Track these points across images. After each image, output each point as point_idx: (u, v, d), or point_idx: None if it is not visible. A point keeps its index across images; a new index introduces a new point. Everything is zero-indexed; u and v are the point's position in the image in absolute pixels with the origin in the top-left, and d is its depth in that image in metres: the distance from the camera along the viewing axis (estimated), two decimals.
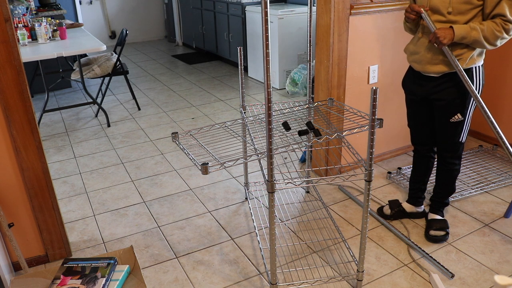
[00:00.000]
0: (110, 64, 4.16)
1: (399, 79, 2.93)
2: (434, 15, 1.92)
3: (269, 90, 1.47)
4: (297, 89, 4.54)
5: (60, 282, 1.34)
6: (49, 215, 2.14)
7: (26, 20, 4.17)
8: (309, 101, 2.41)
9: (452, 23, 1.88)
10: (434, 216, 2.34)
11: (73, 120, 4.20)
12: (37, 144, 1.99)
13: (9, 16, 1.78)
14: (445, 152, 2.19)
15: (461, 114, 2.04)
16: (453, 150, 2.17)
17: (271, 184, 1.62)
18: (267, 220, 2.44)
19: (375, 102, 1.57)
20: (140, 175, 3.07)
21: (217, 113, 4.21)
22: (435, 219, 2.32)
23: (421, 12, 1.91)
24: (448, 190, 2.32)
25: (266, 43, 1.37)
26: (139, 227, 2.48)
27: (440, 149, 2.22)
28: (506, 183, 2.75)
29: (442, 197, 2.35)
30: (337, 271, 2.07)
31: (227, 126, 2.15)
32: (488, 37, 1.82)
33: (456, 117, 2.04)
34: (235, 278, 2.06)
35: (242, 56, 2.32)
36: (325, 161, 2.90)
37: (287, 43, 4.75)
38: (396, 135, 3.13)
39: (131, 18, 7.75)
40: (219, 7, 5.79)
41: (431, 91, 2.06)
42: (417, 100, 2.17)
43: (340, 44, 2.61)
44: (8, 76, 1.84)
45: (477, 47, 1.91)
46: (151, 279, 2.07)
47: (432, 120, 2.19)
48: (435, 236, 2.25)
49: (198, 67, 6.07)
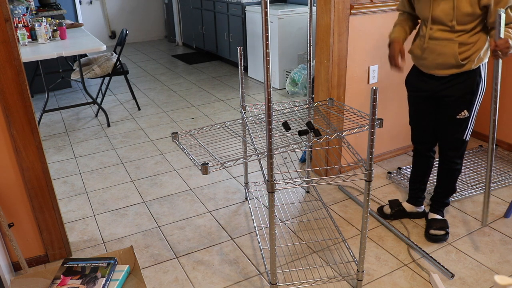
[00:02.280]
0: (110, 64, 4.16)
1: (399, 79, 2.94)
2: (437, 25, 1.94)
3: (269, 90, 1.46)
4: (297, 89, 4.54)
5: (60, 282, 1.34)
6: (49, 215, 2.14)
7: (26, 20, 4.17)
8: (309, 101, 2.41)
9: (456, 32, 1.91)
10: (434, 215, 2.34)
11: (73, 120, 4.20)
12: (37, 144, 1.99)
13: (9, 16, 1.78)
14: (448, 151, 2.19)
15: (467, 111, 2.04)
16: (457, 148, 2.16)
17: (271, 184, 1.62)
18: (267, 220, 2.44)
19: (375, 102, 1.57)
20: (140, 175, 3.07)
21: (217, 113, 4.21)
22: (435, 219, 2.32)
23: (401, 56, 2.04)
24: (449, 190, 2.32)
25: (266, 43, 1.37)
26: (139, 227, 2.48)
27: (443, 147, 2.21)
28: (506, 183, 2.75)
29: (442, 197, 2.35)
30: (337, 271, 2.07)
31: (227, 126, 2.15)
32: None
33: (462, 113, 2.04)
34: (235, 278, 2.06)
35: (242, 56, 2.32)
36: (325, 161, 2.90)
37: (287, 43, 4.75)
38: (396, 135, 3.13)
39: (131, 18, 7.75)
40: (219, 7, 5.79)
41: (440, 88, 2.05)
42: (422, 97, 2.15)
43: (340, 44, 2.61)
44: (8, 76, 1.84)
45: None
46: (151, 279, 2.07)
47: (434, 118, 2.18)
48: (435, 235, 2.25)
49: (198, 67, 6.07)
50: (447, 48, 1.94)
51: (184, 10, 7.11)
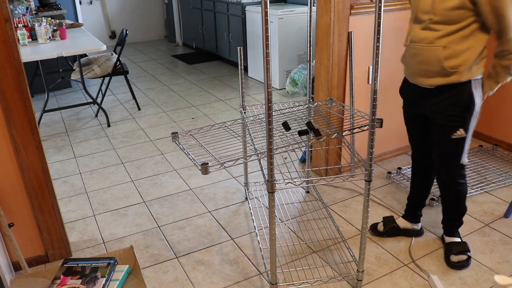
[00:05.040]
0: (110, 64, 4.16)
1: (399, 79, 2.93)
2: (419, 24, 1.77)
3: (269, 90, 1.46)
4: (297, 89, 4.54)
5: (60, 282, 1.34)
6: (49, 215, 2.13)
7: (26, 20, 4.17)
8: (309, 101, 2.41)
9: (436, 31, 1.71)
10: (451, 239, 2.14)
11: (73, 120, 4.20)
12: (37, 144, 1.99)
13: (9, 16, 1.78)
14: (446, 174, 1.99)
15: (463, 130, 1.83)
16: (454, 174, 1.96)
17: (271, 184, 1.62)
18: (267, 220, 2.44)
19: (375, 102, 1.57)
20: (140, 175, 3.07)
21: (217, 113, 4.21)
22: (454, 242, 2.12)
23: None
24: (459, 213, 2.12)
25: (266, 43, 1.37)
26: (139, 227, 2.48)
27: (440, 170, 2.01)
28: (506, 183, 2.75)
29: (454, 220, 2.15)
30: (337, 271, 2.07)
31: (227, 126, 2.15)
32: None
33: (458, 132, 1.83)
34: (235, 278, 2.06)
35: (242, 56, 2.32)
36: (325, 161, 2.90)
37: (287, 43, 4.75)
38: (396, 135, 3.13)
39: (131, 18, 7.75)
40: (219, 7, 5.79)
41: (428, 103, 1.87)
42: (412, 113, 2.02)
43: (340, 44, 2.61)
44: (8, 76, 1.84)
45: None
46: (151, 279, 2.07)
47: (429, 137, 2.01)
48: (458, 262, 2.06)
49: (198, 67, 6.07)
50: (429, 52, 1.75)
51: (184, 10, 7.11)
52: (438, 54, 1.73)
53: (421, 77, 1.83)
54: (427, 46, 1.76)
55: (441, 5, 1.66)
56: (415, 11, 1.78)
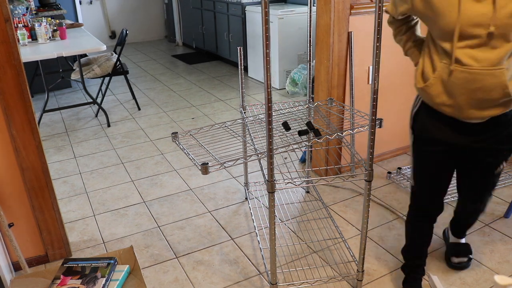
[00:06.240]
0: (110, 64, 4.16)
1: (399, 79, 2.94)
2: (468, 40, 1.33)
3: (269, 90, 1.46)
4: (297, 89, 4.54)
5: (60, 282, 1.34)
6: (49, 215, 2.13)
7: (26, 20, 4.17)
8: (309, 101, 2.41)
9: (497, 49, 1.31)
10: (457, 240, 2.12)
11: (73, 120, 4.20)
12: (37, 144, 1.99)
13: (9, 16, 1.78)
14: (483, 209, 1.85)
15: (505, 161, 1.61)
16: (486, 202, 1.81)
17: (271, 184, 1.62)
18: (267, 220, 2.44)
19: (375, 102, 1.57)
20: (140, 175, 3.07)
21: (217, 113, 4.21)
22: (458, 243, 2.11)
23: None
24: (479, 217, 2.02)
25: (266, 43, 1.37)
26: (139, 227, 2.48)
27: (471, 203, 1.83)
28: (506, 183, 2.75)
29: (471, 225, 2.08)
30: (337, 271, 2.07)
31: (227, 126, 2.15)
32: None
33: (501, 166, 1.60)
34: (235, 278, 2.06)
35: (242, 56, 2.32)
36: (325, 161, 2.90)
37: (287, 43, 4.75)
38: (396, 135, 3.13)
39: (131, 18, 7.74)
40: (219, 7, 5.79)
41: (475, 139, 1.51)
42: (441, 151, 1.60)
43: (340, 44, 2.61)
44: (8, 76, 1.84)
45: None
46: (151, 279, 2.07)
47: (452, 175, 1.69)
48: (459, 263, 2.05)
49: (198, 67, 6.07)
50: (493, 77, 1.34)
51: (184, 10, 7.11)
52: (503, 78, 1.33)
53: (473, 109, 1.42)
54: (490, 70, 1.33)
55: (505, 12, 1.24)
56: (459, 25, 1.32)
